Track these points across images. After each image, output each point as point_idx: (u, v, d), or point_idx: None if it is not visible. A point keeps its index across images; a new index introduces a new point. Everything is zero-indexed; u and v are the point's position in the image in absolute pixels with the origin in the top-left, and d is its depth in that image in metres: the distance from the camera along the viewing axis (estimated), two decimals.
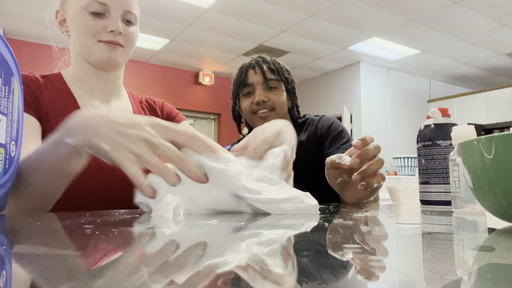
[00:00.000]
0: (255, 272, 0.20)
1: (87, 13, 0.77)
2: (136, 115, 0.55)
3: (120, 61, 0.81)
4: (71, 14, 0.80)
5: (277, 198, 0.50)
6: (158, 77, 5.72)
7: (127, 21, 0.81)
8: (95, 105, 0.83)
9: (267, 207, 0.50)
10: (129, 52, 0.84)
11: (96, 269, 0.21)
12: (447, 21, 4.18)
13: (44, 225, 0.41)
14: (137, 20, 0.84)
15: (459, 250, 0.27)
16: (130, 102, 0.92)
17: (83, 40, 0.78)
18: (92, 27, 0.77)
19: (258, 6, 3.89)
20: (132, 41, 0.82)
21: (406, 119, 6.05)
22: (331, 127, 1.15)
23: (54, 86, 0.81)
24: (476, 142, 0.38)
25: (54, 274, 0.20)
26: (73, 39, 0.81)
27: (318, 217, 0.48)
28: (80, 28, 0.78)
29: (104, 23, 0.77)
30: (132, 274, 0.20)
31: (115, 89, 0.89)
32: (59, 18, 0.83)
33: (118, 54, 0.80)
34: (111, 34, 0.78)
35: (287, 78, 1.19)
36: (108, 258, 0.24)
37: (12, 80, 0.49)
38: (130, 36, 0.81)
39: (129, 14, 0.80)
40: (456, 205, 0.59)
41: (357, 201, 0.78)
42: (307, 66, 5.85)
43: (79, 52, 0.81)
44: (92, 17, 0.77)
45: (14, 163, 0.50)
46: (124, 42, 0.80)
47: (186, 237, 0.34)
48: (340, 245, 0.28)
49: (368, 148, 0.72)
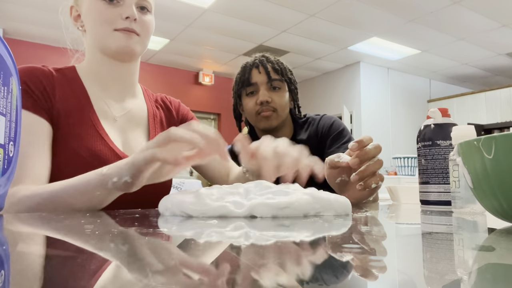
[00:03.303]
0: (255, 272, 0.20)
1: (101, 2, 0.77)
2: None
3: (137, 50, 0.81)
4: (85, 7, 0.80)
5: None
6: (158, 77, 5.72)
7: (141, 8, 0.81)
8: (110, 104, 0.82)
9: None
10: (146, 42, 0.83)
11: (96, 270, 0.21)
12: (447, 21, 4.18)
13: (44, 225, 0.41)
14: (152, 8, 0.83)
15: (459, 250, 0.27)
16: (145, 101, 0.91)
17: (99, 30, 0.78)
18: (107, 15, 0.77)
19: (258, 6, 3.89)
20: (148, 30, 0.82)
21: (406, 119, 6.05)
22: (332, 127, 1.15)
23: (68, 81, 0.80)
24: (476, 142, 0.38)
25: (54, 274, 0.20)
26: (89, 32, 0.81)
27: (318, 217, 0.48)
28: (95, 18, 0.78)
29: (119, 10, 0.77)
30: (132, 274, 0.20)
31: (131, 86, 0.88)
32: (73, 14, 0.84)
33: (135, 42, 0.79)
34: (127, 21, 0.77)
35: (290, 79, 1.19)
36: (108, 258, 0.24)
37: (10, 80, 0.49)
38: (145, 24, 0.81)
39: (143, 1, 0.81)
40: (456, 205, 0.59)
41: (356, 201, 0.78)
42: (307, 66, 5.85)
43: (95, 44, 0.81)
44: (107, 5, 0.77)
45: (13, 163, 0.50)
46: (140, 30, 0.80)
47: (185, 237, 0.34)
48: (340, 245, 0.28)
49: (368, 148, 0.72)
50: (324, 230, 0.38)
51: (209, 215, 0.46)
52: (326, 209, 0.50)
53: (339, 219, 0.46)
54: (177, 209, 0.48)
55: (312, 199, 0.49)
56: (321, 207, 0.49)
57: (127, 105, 0.86)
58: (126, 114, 0.84)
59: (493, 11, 3.94)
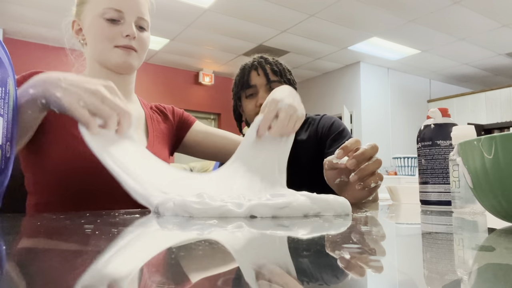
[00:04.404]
0: (254, 272, 0.20)
1: (103, 20, 0.82)
2: (97, 81, 0.64)
3: (135, 64, 0.87)
4: (87, 23, 0.85)
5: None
6: (158, 77, 5.72)
7: (140, 27, 0.86)
8: None
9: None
10: (142, 57, 0.89)
11: (96, 269, 0.21)
12: (447, 21, 4.18)
13: (44, 225, 0.41)
14: (148, 26, 0.89)
15: (459, 250, 0.27)
16: (142, 107, 0.97)
17: (100, 46, 0.83)
18: (109, 33, 0.82)
19: (258, 6, 3.89)
20: (144, 46, 0.88)
21: (406, 119, 6.05)
22: (332, 127, 1.15)
23: None
24: (476, 142, 0.38)
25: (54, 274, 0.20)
26: (89, 46, 0.86)
27: (317, 217, 0.48)
28: (97, 35, 0.83)
29: (119, 29, 0.83)
30: (132, 274, 0.20)
31: (127, 94, 0.93)
32: (75, 28, 0.89)
33: (133, 58, 0.85)
34: (126, 38, 0.83)
35: (289, 79, 1.19)
36: (108, 258, 0.24)
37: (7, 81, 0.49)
38: (143, 41, 0.86)
39: (142, 20, 0.86)
40: (456, 205, 0.59)
41: (356, 201, 0.78)
42: (307, 66, 5.85)
43: (95, 58, 0.86)
44: (108, 24, 0.82)
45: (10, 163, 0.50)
46: (138, 46, 0.85)
47: (186, 237, 0.34)
48: (340, 245, 0.28)
49: (365, 148, 0.72)
50: (324, 230, 0.38)
51: (209, 215, 0.46)
52: (325, 209, 0.50)
53: (339, 219, 0.46)
54: (178, 208, 0.48)
55: (311, 199, 0.50)
56: (320, 207, 0.50)
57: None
58: None
59: (493, 11, 3.94)
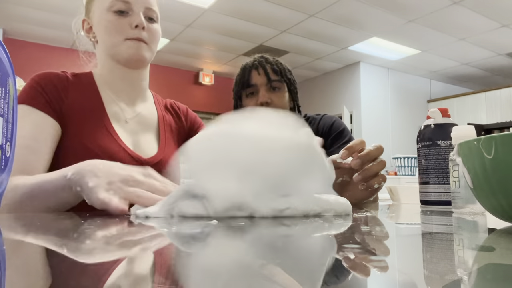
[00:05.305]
0: (255, 271, 0.20)
1: (111, 13, 0.82)
2: (135, 169, 0.58)
3: (147, 57, 0.85)
4: (96, 19, 0.85)
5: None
6: (158, 77, 5.72)
7: (149, 18, 0.86)
8: (121, 107, 0.87)
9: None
10: (154, 49, 0.88)
11: (96, 270, 0.21)
12: (447, 21, 4.17)
13: (44, 225, 0.41)
14: (158, 18, 0.88)
15: (459, 250, 0.27)
16: (155, 106, 0.96)
17: (111, 39, 0.83)
18: (118, 25, 0.82)
19: (258, 6, 3.88)
20: (155, 38, 0.87)
21: (406, 119, 6.04)
22: (333, 126, 1.16)
23: (83, 85, 0.85)
24: (476, 142, 0.38)
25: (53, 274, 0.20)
26: (100, 41, 0.86)
27: (318, 217, 0.48)
28: (106, 29, 0.83)
29: (128, 20, 0.82)
30: (132, 274, 0.20)
31: (141, 91, 0.92)
32: (85, 27, 0.89)
33: (144, 50, 0.84)
34: (136, 30, 0.82)
35: (290, 79, 1.19)
36: (108, 258, 0.24)
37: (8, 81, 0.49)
38: (153, 33, 0.85)
39: (150, 11, 0.85)
40: (456, 205, 0.59)
41: (357, 201, 0.78)
42: (307, 66, 5.85)
43: (107, 53, 0.86)
44: (117, 16, 0.82)
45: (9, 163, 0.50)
46: (148, 38, 0.84)
47: (186, 237, 0.34)
48: (340, 245, 0.28)
49: (370, 149, 0.72)
50: (324, 230, 0.38)
51: (210, 215, 0.46)
52: (326, 210, 0.50)
53: (339, 219, 0.46)
54: (178, 209, 0.48)
55: (312, 199, 0.50)
56: (321, 207, 0.50)
57: (138, 108, 0.91)
58: (137, 117, 0.89)
59: (493, 11, 3.93)
